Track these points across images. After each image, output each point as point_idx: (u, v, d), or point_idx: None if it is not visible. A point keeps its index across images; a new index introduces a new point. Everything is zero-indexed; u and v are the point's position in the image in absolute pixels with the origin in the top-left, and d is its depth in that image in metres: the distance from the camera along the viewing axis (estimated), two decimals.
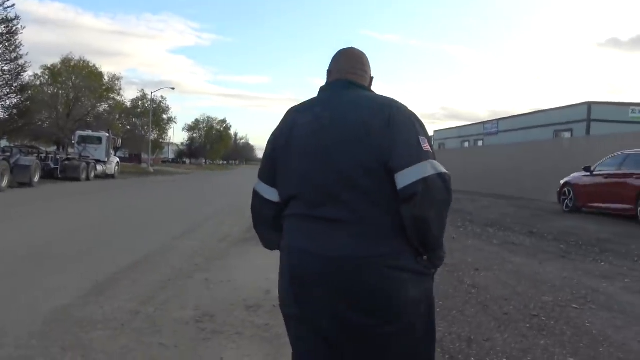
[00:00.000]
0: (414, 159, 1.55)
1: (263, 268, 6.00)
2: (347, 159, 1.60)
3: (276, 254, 1.83)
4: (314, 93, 1.87)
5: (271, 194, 1.83)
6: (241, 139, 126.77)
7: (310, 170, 1.66)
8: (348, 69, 1.84)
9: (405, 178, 1.53)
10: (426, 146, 1.60)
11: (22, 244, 6.91)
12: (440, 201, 1.57)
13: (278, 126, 1.86)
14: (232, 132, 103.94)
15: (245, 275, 5.57)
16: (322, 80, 1.90)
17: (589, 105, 24.06)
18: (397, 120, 1.61)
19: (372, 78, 1.93)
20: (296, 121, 1.77)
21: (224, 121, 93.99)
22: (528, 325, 3.96)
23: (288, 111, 1.87)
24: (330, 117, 1.68)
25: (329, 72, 1.90)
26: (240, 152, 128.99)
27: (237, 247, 7.36)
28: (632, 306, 4.56)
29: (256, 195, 1.89)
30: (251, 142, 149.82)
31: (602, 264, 6.51)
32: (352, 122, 1.62)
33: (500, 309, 4.38)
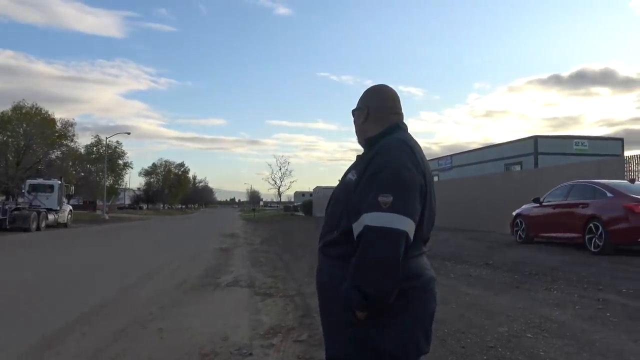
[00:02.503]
0: None
1: (220, 314, 5.88)
2: None
3: (234, 300, 1.79)
4: (272, 134, 1.94)
5: (412, 235, 1.69)
6: (200, 182, 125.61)
7: (434, 210, 1.89)
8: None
9: None
10: None
11: None
12: None
13: (412, 156, 1.78)
14: (190, 175, 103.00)
15: (201, 323, 5.42)
16: (280, 123, 2.01)
17: (536, 139, 25.15)
18: None
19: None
20: (423, 159, 1.85)
21: (181, 165, 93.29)
22: (485, 357, 3.99)
23: (406, 142, 1.84)
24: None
25: (395, 108, 2.04)
26: (199, 195, 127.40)
27: (194, 294, 7.18)
28: (583, 332, 4.67)
29: (406, 239, 1.66)
30: (210, 185, 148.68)
31: (555, 292, 6.68)
32: None
33: (457, 342, 4.41)
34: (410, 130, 2.01)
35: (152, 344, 4.56)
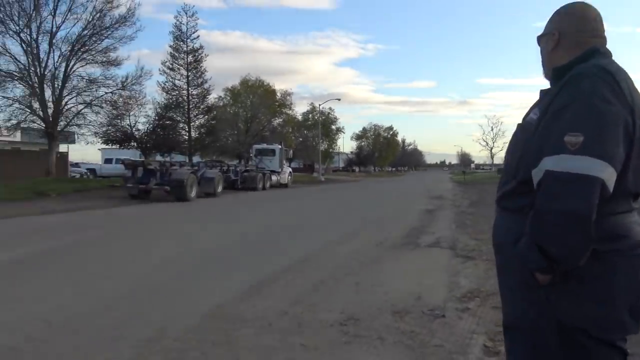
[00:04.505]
0: None
1: (416, 273, 5.78)
2: None
3: (433, 261, 1.61)
4: (482, 94, 1.70)
5: (612, 185, 1.36)
6: (409, 145, 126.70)
7: None
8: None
9: None
10: None
11: (195, 248, 7.64)
12: None
13: (613, 85, 1.39)
14: (399, 138, 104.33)
15: (396, 280, 5.39)
16: (492, 81, 1.74)
17: None
18: None
19: None
20: (633, 90, 1.44)
21: (390, 128, 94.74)
22: None
23: (604, 68, 1.43)
24: None
25: (595, 30, 1.60)
26: (408, 158, 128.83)
27: (393, 252, 7.20)
28: None
29: (602, 189, 1.32)
30: (419, 148, 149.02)
31: None
32: None
33: None
34: None
35: (347, 297, 4.67)
